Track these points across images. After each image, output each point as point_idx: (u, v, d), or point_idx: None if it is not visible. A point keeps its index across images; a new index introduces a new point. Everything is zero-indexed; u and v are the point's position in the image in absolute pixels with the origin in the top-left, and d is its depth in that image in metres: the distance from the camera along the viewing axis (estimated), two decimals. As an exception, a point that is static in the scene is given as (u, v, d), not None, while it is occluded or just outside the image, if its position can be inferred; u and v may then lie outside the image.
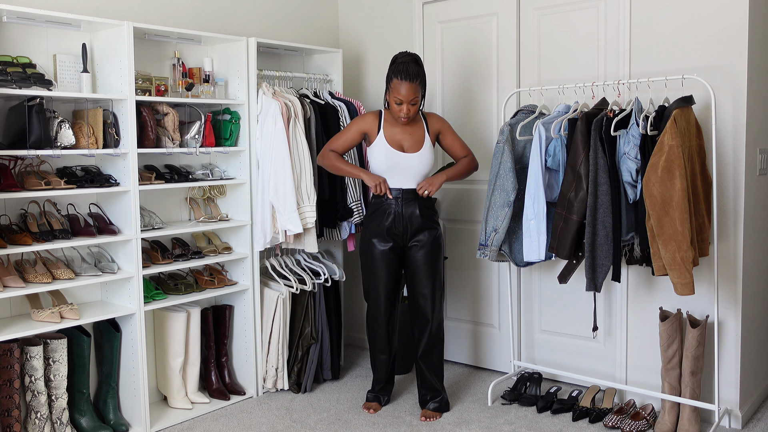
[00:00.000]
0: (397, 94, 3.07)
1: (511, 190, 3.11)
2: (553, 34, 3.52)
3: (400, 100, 3.08)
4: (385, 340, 3.30)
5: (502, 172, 3.13)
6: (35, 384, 2.82)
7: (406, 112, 3.09)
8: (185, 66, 3.39)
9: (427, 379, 3.30)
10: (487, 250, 3.19)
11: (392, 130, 3.18)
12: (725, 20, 2.97)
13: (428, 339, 3.25)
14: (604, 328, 3.47)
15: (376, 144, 3.18)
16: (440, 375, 3.32)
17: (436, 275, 3.24)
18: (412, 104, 3.09)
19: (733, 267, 3.05)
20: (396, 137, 3.18)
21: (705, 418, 3.13)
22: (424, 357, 3.28)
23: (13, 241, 2.74)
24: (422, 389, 3.33)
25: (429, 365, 3.29)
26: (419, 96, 3.11)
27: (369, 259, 3.24)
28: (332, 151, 3.26)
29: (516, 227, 3.24)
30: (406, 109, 3.09)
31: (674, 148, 2.68)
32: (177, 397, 3.34)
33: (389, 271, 3.23)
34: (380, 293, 3.24)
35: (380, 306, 3.26)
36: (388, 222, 3.17)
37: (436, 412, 3.26)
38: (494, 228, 3.16)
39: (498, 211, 3.14)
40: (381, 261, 3.21)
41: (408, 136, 3.19)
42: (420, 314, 3.25)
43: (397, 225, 3.17)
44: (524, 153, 3.22)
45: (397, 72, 3.07)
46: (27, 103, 2.69)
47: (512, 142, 3.16)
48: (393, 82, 3.08)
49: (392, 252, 3.21)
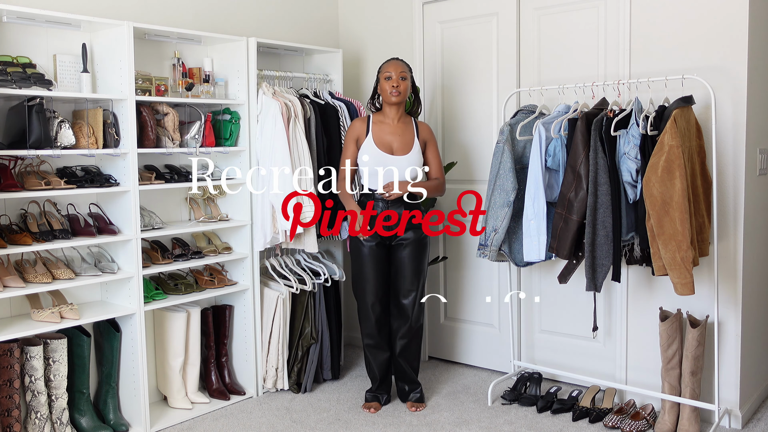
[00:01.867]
0: (386, 71, 3.20)
1: (511, 190, 3.11)
2: (553, 34, 3.52)
3: (389, 75, 3.19)
4: (377, 337, 3.32)
5: (502, 172, 3.13)
6: (35, 384, 2.82)
7: (396, 86, 3.17)
8: (185, 66, 3.39)
9: (407, 373, 3.38)
10: (487, 250, 3.19)
11: (381, 132, 3.24)
12: (725, 20, 2.97)
13: (408, 335, 3.32)
14: (604, 328, 3.47)
15: (365, 145, 3.24)
16: (417, 369, 3.43)
17: (420, 274, 3.30)
18: (402, 78, 3.19)
19: (733, 267, 3.05)
20: (385, 139, 3.23)
21: (705, 418, 3.13)
22: (403, 352, 3.35)
23: (13, 241, 2.74)
24: (401, 382, 3.41)
25: (408, 360, 3.37)
26: (407, 72, 3.23)
27: (357, 255, 3.27)
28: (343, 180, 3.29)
29: (516, 227, 3.24)
30: (395, 81, 3.17)
31: (674, 148, 2.68)
32: (177, 397, 3.34)
33: (377, 266, 3.26)
34: (368, 289, 3.27)
35: (368, 302, 3.28)
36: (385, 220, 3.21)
37: (420, 403, 3.36)
38: (494, 228, 3.16)
39: (498, 211, 3.14)
40: (369, 257, 3.24)
41: (398, 138, 3.23)
42: (402, 311, 3.31)
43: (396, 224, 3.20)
44: (524, 153, 3.22)
45: (384, 62, 3.27)
46: (27, 103, 2.69)
47: (512, 142, 3.16)
48: (381, 68, 3.25)
49: (379, 248, 3.25)
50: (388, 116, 3.26)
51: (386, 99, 3.22)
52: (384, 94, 3.22)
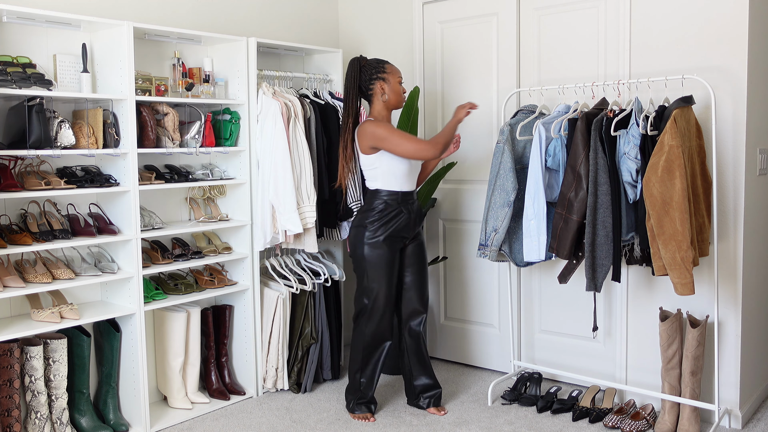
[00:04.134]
0: (399, 74, 3.18)
1: (511, 190, 3.11)
2: (553, 34, 3.52)
3: (401, 80, 3.18)
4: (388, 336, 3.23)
5: (502, 172, 3.13)
6: (35, 384, 2.82)
7: (404, 91, 3.21)
8: (185, 66, 3.39)
9: (430, 370, 3.33)
10: (488, 250, 3.19)
11: None
12: (725, 20, 2.97)
13: (424, 330, 3.30)
14: (604, 328, 3.47)
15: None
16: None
17: (426, 267, 3.32)
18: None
19: (733, 267, 3.05)
20: None
21: (705, 418, 3.13)
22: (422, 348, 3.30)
23: (13, 241, 2.74)
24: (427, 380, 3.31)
25: (426, 355, 3.32)
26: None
27: (379, 260, 3.12)
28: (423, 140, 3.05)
29: (516, 227, 3.24)
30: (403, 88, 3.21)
31: (674, 148, 2.68)
32: (177, 397, 3.34)
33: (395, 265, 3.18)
34: (385, 290, 3.15)
35: (382, 303, 3.16)
36: (402, 223, 3.13)
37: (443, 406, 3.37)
38: (494, 228, 3.16)
39: (498, 211, 3.14)
40: (393, 264, 3.15)
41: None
42: (421, 304, 3.27)
43: (411, 224, 3.17)
44: (524, 153, 3.22)
45: (382, 61, 3.19)
46: (27, 103, 2.69)
47: (512, 142, 3.16)
48: (387, 67, 3.17)
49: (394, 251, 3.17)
50: (385, 117, 3.19)
51: (398, 102, 3.17)
52: (398, 98, 3.15)
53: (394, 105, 3.17)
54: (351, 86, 3.15)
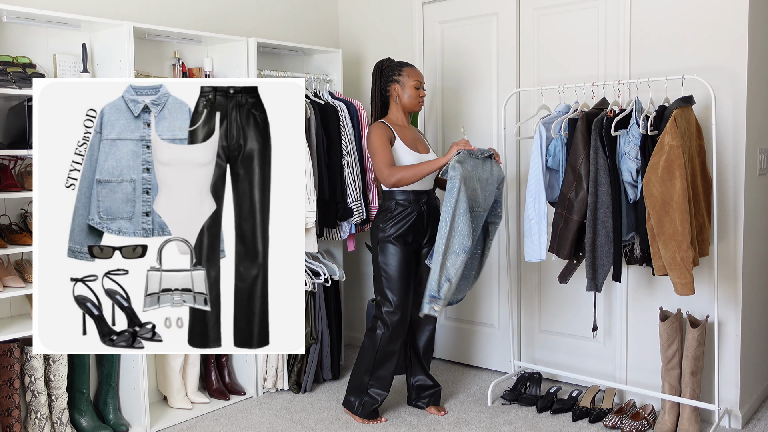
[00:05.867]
0: (417, 77, 3.13)
1: (467, 235, 2.76)
2: (553, 34, 3.53)
3: (420, 84, 3.14)
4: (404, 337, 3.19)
5: (459, 215, 2.76)
6: (35, 384, 2.82)
7: (423, 96, 3.16)
8: (185, 66, 3.39)
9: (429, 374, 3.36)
10: (438, 304, 2.80)
11: (404, 135, 3.12)
12: (725, 20, 2.97)
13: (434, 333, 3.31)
14: (604, 328, 3.47)
15: (399, 149, 3.07)
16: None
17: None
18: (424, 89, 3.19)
19: (733, 267, 3.05)
20: (410, 142, 3.12)
21: (705, 418, 3.13)
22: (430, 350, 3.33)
23: (13, 241, 2.74)
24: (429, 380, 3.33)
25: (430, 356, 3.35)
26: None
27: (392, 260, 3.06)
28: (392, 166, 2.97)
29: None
30: (422, 92, 3.16)
31: (674, 148, 2.68)
32: (177, 397, 3.34)
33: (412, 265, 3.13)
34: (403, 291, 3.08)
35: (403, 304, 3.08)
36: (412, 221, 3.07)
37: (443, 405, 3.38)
38: (448, 278, 2.79)
39: (455, 258, 2.78)
40: (407, 266, 3.08)
41: (417, 139, 3.18)
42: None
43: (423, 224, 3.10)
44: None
45: (402, 63, 3.16)
46: (27, 103, 2.69)
47: (466, 180, 2.77)
48: (405, 70, 3.13)
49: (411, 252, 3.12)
50: (399, 119, 3.17)
51: (412, 106, 3.13)
52: (412, 101, 3.12)
53: (407, 108, 3.15)
54: (373, 88, 3.21)
